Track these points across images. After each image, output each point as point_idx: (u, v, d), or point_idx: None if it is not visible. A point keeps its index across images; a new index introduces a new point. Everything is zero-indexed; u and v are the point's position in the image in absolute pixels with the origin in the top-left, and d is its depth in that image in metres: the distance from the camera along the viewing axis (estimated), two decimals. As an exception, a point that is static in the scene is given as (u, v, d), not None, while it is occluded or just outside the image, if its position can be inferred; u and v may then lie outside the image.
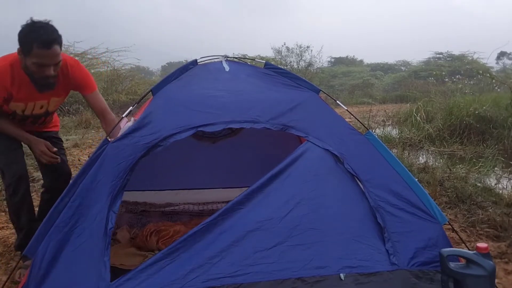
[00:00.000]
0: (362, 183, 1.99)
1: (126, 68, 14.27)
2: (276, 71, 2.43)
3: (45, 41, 1.99)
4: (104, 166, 1.85)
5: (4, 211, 3.66)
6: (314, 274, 1.69)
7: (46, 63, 2.04)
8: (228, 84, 2.33)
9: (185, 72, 2.37)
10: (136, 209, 3.23)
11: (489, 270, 1.56)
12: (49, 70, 2.07)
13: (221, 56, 2.66)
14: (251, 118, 2.06)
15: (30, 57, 2.02)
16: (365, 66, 31.40)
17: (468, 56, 22.98)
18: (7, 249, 2.79)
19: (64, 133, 8.37)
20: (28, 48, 2.00)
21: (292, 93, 2.28)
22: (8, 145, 2.32)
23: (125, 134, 1.96)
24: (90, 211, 1.75)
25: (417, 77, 21.19)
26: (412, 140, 6.70)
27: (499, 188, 4.07)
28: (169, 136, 1.95)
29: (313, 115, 2.17)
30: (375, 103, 13.57)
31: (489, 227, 3.08)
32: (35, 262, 1.65)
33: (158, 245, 2.44)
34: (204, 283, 1.63)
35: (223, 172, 3.45)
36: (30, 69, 2.07)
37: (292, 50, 20.10)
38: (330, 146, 2.03)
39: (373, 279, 1.72)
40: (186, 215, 3.15)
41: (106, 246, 1.69)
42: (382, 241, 1.84)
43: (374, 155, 2.08)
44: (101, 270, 1.63)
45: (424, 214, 1.95)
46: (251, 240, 1.75)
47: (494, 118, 6.78)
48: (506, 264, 2.54)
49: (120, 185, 1.82)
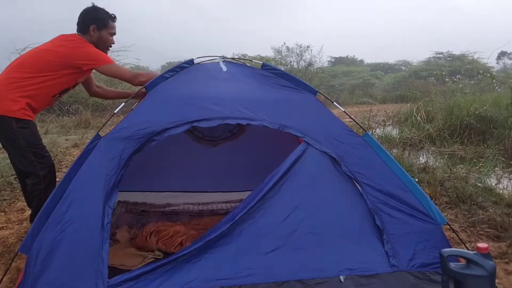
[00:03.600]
0: (360, 185, 1.98)
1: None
2: (273, 72, 2.43)
3: (114, 16, 2.72)
4: (97, 161, 1.84)
5: (3, 211, 3.66)
6: (313, 276, 1.69)
7: (114, 32, 2.74)
8: (225, 83, 2.33)
9: (181, 70, 2.36)
10: (136, 209, 3.22)
11: (489, 270, 1.56)
12: (113, 39, 2.75)
13: (219, 57, 2.66)
14: (247, 115, 2.05)
15: (107, 29, 2.66)
16: (365, 66, 31.40)
17: (469, 56, 22.99)
18: (7, 249, 2.78)
19: (64, 133, 8.38)
20: (105, 23, 2.64)
21: (289, 94, 2.27)
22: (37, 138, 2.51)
23: (118, 128, 1.95)
24: (85, 207, 1.74)
25: (417, 77, 21.15)
26: (412, 140, 6.69)
27: (499, 188, 4.07)
28: (163, 131, 1.94)
29: (310, 116, 2.16)
30: (375, 103, 13.57)
31: (489, 227, 3.07)
32: (30, 259, 1.63)
33: (158, 245, 2.43)
34: (203, 285, 1.62)
35: (222, 175, 3.44)
36: (103, 39, 2.66)
37: (292, 50, 20.11)
38: (328, 149, 2.02)
39: (373, 281, 1.72)
40: (186, 215, 3.14)
41: (104, 240, 1.68)
42: (381, 243, 1.84)
43: (372, 157, 2.07)
44: (99, 265, 1.62)
45: (423, 216, 1.95)
46: (250, 245, 1.75)
47: (494, 118, 6.76)
48: (506, 264, 2.53)
49: (115, 180, 1.81)
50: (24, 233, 3.06)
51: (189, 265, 1.67)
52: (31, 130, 2.47)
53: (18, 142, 2.40)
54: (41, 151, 2.50)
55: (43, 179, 2.47)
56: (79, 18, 2.65)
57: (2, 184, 4.35)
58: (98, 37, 2.64)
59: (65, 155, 6.27)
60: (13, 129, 2.37)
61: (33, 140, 2.46)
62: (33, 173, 2.46)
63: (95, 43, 2.63)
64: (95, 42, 2.63)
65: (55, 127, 9.09)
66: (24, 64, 2.52)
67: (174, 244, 2.36)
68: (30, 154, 2.43)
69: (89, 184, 1.79)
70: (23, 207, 3.77)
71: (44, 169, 2.48)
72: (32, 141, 2.45)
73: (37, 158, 2.46)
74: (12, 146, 2.45)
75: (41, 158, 2.48)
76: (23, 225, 3.28)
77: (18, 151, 2.44)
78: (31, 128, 2.47)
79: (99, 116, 10.26)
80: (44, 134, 7.94)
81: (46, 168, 2.49)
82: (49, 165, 2.54)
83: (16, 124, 2.37)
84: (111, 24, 2.69)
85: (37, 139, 2.50)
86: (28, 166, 2.46)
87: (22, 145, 2.41)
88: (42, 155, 2.49)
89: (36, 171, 2.45)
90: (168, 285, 1.61)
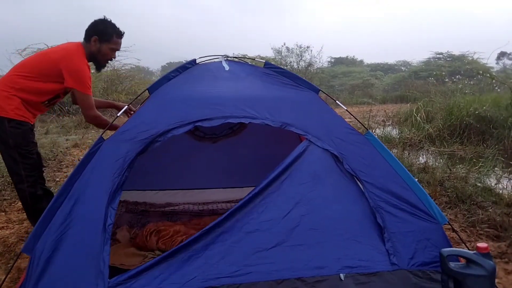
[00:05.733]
0: (361, 183, 1.98)
1: (126, 68, 14.28)
2: (276, 70, 2.44)
3: (121, 33, 2.72)
4: (101, 163, 1.85)
5: (4, 211, 3.66)
6: (314, 274, 1.69)
7: (118, 48, 2.74)
8: (227, 82, 2.33)
9: (183, 71, 2.37)
10: (136, 209, 3.23)
11: (489, 270, 1.56)
12: (115, 54, 2.76)
13: (221, 56, 2.66)
14: (249, 114, 2.05)
15: (109, 44, 2.66)
16: (365, 66, 31.45)
17: (468, 56, 23.02)
18: (7, 249, 2.79)
19: (64, 133, 8.39)
20: (108, 37, 2.65)
21: (291, 92, 2.28)
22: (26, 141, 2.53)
23: (121, 131, 1.95)
24: (87, 208, 1.75)
25: (417, 77, 21.17)
26: (412, 140, 6.70)
27: (499, 188, 4.07)
28: (167, 132, 1.94)
29: (312, 114, 2.16)
30: (375, 103, 13.59)
31: (489, 227, 3.08)
32: (33, 260, 1.64)
33: (158, 245, 2.44)
34: (203, 283, 1.62)
35: (223, 172, 3.44)
36: (102, 52, 2.66)
37: (292, 50, 20.14)
38: (330, 146, 2.02)
39: (373, 279, 1.72)
40: (186, 215, 3.15)
41: (105, 241, 1.68)
42: (382, 241, 1.84)
43: (374, 155, 2.07)
44: (100, 265, 1.63)
45: (424, 214, 1.95)
46: (251, 241, 1.74)
47: (494, 118, 6.77)
48: (506, 264, 2.54)
49: (119, 182, 1.81)
50: (24, 233, 3.07)
51: (190, 262, 1.67)
52: (22, 132, 2.51)
53: (7, 141, 2.48)
54: (27, 153, 2.54)
55: (25, 179, 2.53)
56: (87, 27, 2.67)
57: (2, 184, 4.36)
58: (98, 49, 2.65)
59: (66, 155, 6.28)
60: (4, 128, 2.45)
61: (21, 142, 2.51)
62: (16, 172, 2.54)
63: (94, 54, 2.65)
64: (94, 53, 2.65)
65: (56, 127, 9.09)
66: (23, 66, 2.58)
67: (174, 244, 2.37)
68: (16, 154, 2.51)
69: (92, 186, 1.80)
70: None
71: (26, 170, 2.53)
72: (20, 143, 2.50)
73: (22, 158, 2.52)
74: (2, 144, 2.52)
75: (25, 159, 2.53)
76: (23, 224, 3.29)
77: (6, 149, 2.53)
78: (23, 130, 2.51)
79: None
80: (44, 134, 7.95)
81: (28, 168, 2.54)
82: (34, 167, 2.58)
83: (8, 124, 2.45)
84: (115, 40, 2.68)
85: (26, 142, 2.53)
86: (12, 165, 2.53)
87: (10, 144, 2.48)
88: (28, 157, 2.54)
89: (19, 170, 2.52)
90: (168, 283, 1.61)
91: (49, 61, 2.53)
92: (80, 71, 2.52)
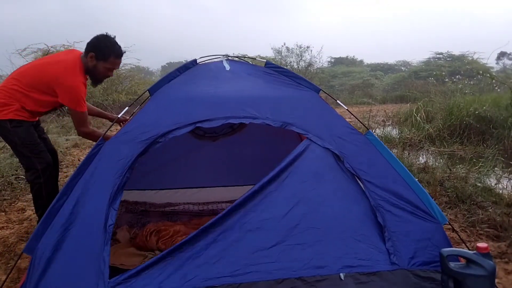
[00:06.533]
0: (362, 182, 1.98)
1: (126, 68, 14.28)
2: (276, 70, 2.44)
3: (120, 54, 2.70)
4: (102, 164, 1.86)
5: (4, 211, 3.66)
6: (314, 274, 1.69)
7: (115, 68, 2.74)
8: (228, 82, 2.33)
9: (184, 71, 2.38)
10: (136, 209, 3.23)
11: (489, 270, 1.56)
12: (112, 73, 2.75)
13: (222, 56, 2.66)
14: (250, 114, 2.05)
15: (105, 63, 2.63)
16: (365, 66, 31.45)
17: (468, 56, 23.04)
18: (7, 249, 2.79)
19: (64, 133, 8.39)
20: (106, 56, 2.61)
21: (292, 92, 2.28)
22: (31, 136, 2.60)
23: (122, 132, 1.96)
24: (89, 209, 1.75)
25: (417, 77, 21.20)
26: (412, 140, 6.70)
27: (499, 188, 4.06)
28: (168, 132, 1.94)
29: (313, 113, 2.17)
30: (375, 103, 13.60)
31: (489, 227, 3.08)
32: (34, 260, 1.65)
33: (158, 245, 2.44)
34: (203, 283, 1.63)
35: (223, 170, 3.44)
36: (98, 70, 2.65)
37: (292, 50, 20.15)
38: (330, 145, 2.03)
39: (373, 279, 1.72)
40: (186, 215, 3.15)
41: (106, 242, 1.68)
42: (383, 240, 1.84)
43: (375, 154, 2.08)
44: (100, 266, 1.63)
45: (424, 214, 1.95)
46: (251, 240, 1.74)
47: (494, 118, 6.77)
48: (506, 264, 2.54)
49: (120, 182, 1.82)
50: (24, 233, 3.07)
51: (190, 261, 1.67)
52: (25, 128, 2.56)
53: (14, 140, 2.55)
54: (36, 147, 2.61)
55: (42, 173, 2.60)
56: (89, 40, 2.65)
57: (2, 184, 4.36)
58: (94, 66, 2.63)
59: (66, 155, 6.28)
60: (8, 129, 2.53)
61: (26, 137, 2.56)
62: (32, 168, 2.61)
63: (90, 69, 2.64)
64: (90, 69, 2.64)
65: (56, 127, 9.10)
66: (23, 77, 2.57)
67: (174, 244, 2.36)
68: (26, 151, 2.58)
69: (94, 187, 1.80)
70: (23, 207, 3.78)
71: (42, 164, 2.61)
72: (26, 138, 2.56)
73: (33, 154, 2.59)
74: (11, 145, 2.61)
75: (38, 154, 2.61)
76: (23, 224, 3.29)
77: (16, 148, 2.60)
78: (24, 126, 2.56)
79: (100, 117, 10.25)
80: (44, 134, 7.93)
81: (43, 163, 2.61)
82: (46, 160, 2.64)
83: (10, 124, 2.52)
84: (112, 60, 2.65)
85: (31, 137, 2.60)
86: (26, 161, 2.62)
87: (17, 142, 2.55)
88: (39, 151, 2.62)
89: (34, 165, 2.60)
90: (168, 283, 1.61)
91: (46, 75, 2.52)
92: (74, 89, 2.51)
